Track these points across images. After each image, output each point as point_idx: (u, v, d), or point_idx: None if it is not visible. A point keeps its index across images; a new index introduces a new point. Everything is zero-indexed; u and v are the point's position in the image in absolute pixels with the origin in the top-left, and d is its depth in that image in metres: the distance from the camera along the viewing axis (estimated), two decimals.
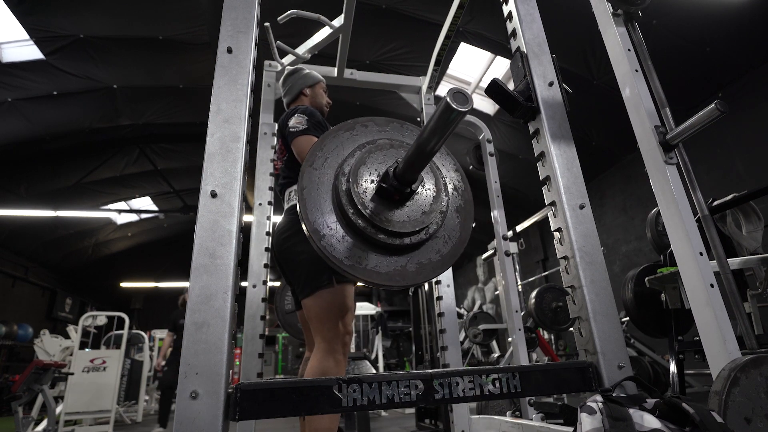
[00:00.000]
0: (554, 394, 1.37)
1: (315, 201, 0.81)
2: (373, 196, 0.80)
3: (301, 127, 1.57)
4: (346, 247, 0.78)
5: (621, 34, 1.41)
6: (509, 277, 2.36)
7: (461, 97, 0.58)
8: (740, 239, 2.05)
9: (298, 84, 1.92)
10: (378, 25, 5.06)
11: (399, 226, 0.79)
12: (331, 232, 0.78)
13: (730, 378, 0.92)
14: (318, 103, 1.93)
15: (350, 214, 0.78)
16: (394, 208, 0.80)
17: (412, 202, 0.82)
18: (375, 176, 0.82)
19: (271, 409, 0.72)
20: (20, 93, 5.58)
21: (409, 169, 0.77)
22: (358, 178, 0.81)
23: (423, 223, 0.82)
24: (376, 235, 0.78)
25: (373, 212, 0.78)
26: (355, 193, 0.79)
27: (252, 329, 1.83)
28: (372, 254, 0.79)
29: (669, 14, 4.33)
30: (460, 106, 0.57)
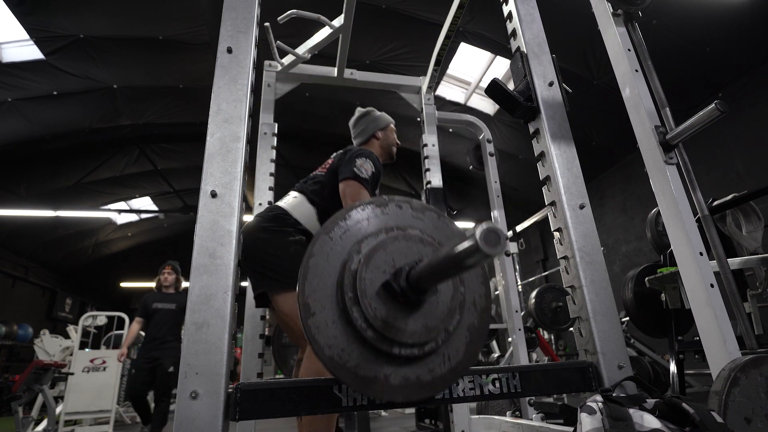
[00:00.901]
0: (554, 394, 1.37)
1: (318, 274, 0.73)
2: (379, 290, 0.71)
3: (364, 175, 1.58)
4: (332, 335, 0.69)
5: (621, 34, 1.41)
6: (509, 277, 2.37)
7: (493, 238, 0.49)
8: (740, 239, 2.05)
9: (370, 127, 1.95)
10: (378, 25, 5.06)
11: (394, 332, 0.70)
12: (323, 313, 0.70)
13: (730, 378, 0.92)
14: (388, 144, 1.97)
15: (347, 298, 0.70)
16: (396, 310, 0.71)
17: (417, 310, 0.73)
18: (390, 268, 0.73)
19: (271, 409, 0.72)
20: (20, 93, 5.58)
21: (423, 279, 0.68)
22: (371, 263, 0.72)
23: (421, 338, 0.72)
24: (366, 332, 0.69)
25: (371, 307, 0.69)
26: (361, 279, 0.70)
27: (252, 329, 1.83)
28: (356, 352, 0.69)
29: (669, 14, 4.34)
30: (491, 249, 0.48)
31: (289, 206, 1.60)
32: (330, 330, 0.70)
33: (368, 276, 0.71)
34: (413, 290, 0.70)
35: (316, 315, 0.70)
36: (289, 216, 1.56)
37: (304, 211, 1.59)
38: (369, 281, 0.71)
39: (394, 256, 0.74)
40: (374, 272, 0.72)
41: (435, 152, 2.32)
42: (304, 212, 1.59)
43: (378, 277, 0.72)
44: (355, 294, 0.70)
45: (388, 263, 0.73)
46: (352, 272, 0.72)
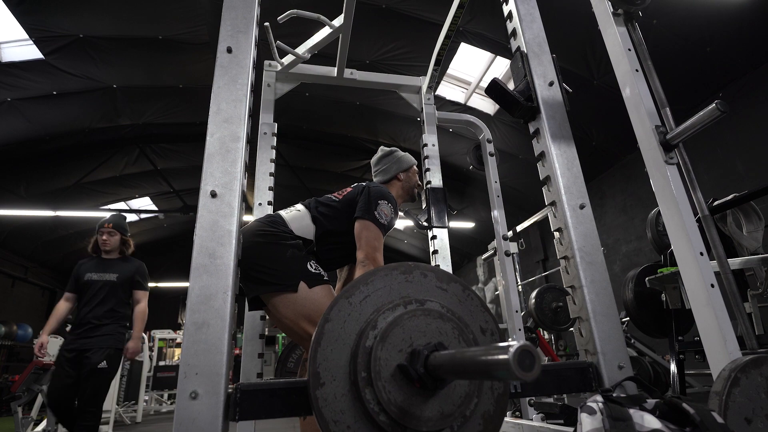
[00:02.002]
0: (554, 394, 1.36)
1: (332, 342, 0.70)
2: (395, 371, 0.67)
3: (384, 221, 1.59)
4: (339, 410, 0.66)
5: (621, 34, 1.41)
6: (509, 277, 2.37)
7: (528, 360, 0.43)
8: (741, 239, 2.05)
9: (393, 168, 1.94)
10: (378, 25, 5.06)
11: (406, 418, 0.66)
12: (332, 385, 0.67)
13: (730, 378, 0.92)
14: (410, 186, 1.96)
15: (360, 377, 0.67)
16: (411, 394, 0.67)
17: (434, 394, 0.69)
18: (407, 347, 0.69)
19: (271, 409, 0.72)
20: (20, 93, 5.59)
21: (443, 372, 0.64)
22: (387, 340, 0.69)
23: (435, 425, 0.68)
24: (378, 416, 0.66)
25: (385, 389, 0.66)
26: (375, 358, 0.67)
27: (252, 329, 1.83)
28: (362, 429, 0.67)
29: (669, 14, 4.34)
30: (524, 373, 0.42)
31: (289, 217, 1.59)
32: (338, 404, 0.67)
33: (383, 356, 0.68)
34: (431, 378, 0.67)
35: (325, 386, 0.67)
36: (286, 226, 1.55)
37: (302, 225, 1.59)
38: (384, 361, 0.67)
39: (412, 334, 0.70)
40: (390, 351, 0.68)
41: (435, 152, 2.32)
42: (302, 226, 1.58)
43: (394, 357, 0.68)
44: (368, 374, 0.67)
45: (405, 342, 0.70)
46: (366, 349, 0.69)
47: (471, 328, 0.77)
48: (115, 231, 3.04)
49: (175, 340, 9.67)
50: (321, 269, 1.49)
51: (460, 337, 0.73)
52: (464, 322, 0.77)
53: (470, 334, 0.75)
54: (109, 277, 2.90)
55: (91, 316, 2.77)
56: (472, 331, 0.77)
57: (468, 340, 0.73)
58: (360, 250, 1.53)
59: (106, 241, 2.99)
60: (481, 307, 0.82)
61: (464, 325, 0.76)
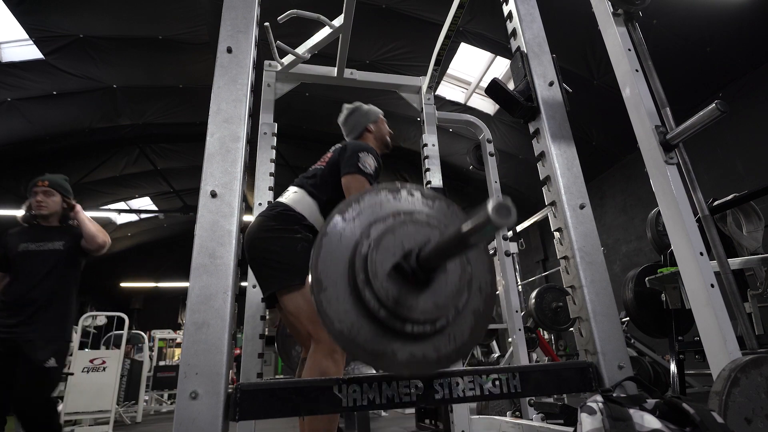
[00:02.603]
0: (554, 394, 1.37)
1: (331, 252, 0.76)
2: (390, 271, 0.74)
3: (369, 170, 1.60)
4: (343, 310, 0.73)
5: (621, 34, 1.41)
6: (509, 277, 2.37)
7: (505, 211, 0.53)
8: (741, 239, 2.05)
9: (361, 122, 1.95)
10: (378, 25, 5.06)
11: (406, 310, 0.73)
12: (335, 290, 0.74)
13: (730, 378, 0.92)
14: (382, 136, 1.97)
15: (359, 279, 0.73)
16: (407, 290, 0.74)
17: (428, 289, 0.76)
18: (399, 250, 0.77)
19: (271, 409, 0.72)
20: (20, 93, 5.58)
21: (433, 258, 0.72)
22: (381, 246, 0.75)
23: (431, 315, 0.75)
24: (378, 312, 0.72)
25: (383, 287, 0.73)
26: (372, 261, 0.74)
27: (252, 329, 1.83)
28: (367, 328, 0.73)
29: (669, 14, 4.34)
30: (501, 219, 0.52)
31: (291, 201, 1.61)
32: (341, 305, 0.73)
33: (378, 258, 0.75)
34: (423, 270, 0.74)
35: (327, 290, 0.73)
36: (293, 211, 1.57)
37: (305, 205, 1.60)
38: (380, 264, 0.74)
39: (403, 239, 0.78)
40: (384, 255, 0.75)
41: (435, 152, 2.32)
42: (305, 207, 1.60)
43: (388, 260, 0.75)
44: (366, 275, 0.74)
45: (397, 246, 0.77)
46: (363, 255, 0.76)
47: None
48: (52, 190, 2.27)
49: (175, 340, 9.67)
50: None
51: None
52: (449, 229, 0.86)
53: None
54: (52, 246, 2.20)
55: (31, 297, 2.08)
56: None
57: None
58: None
59: (41, 204, 2.22)
60: (463, 217, 0.88)
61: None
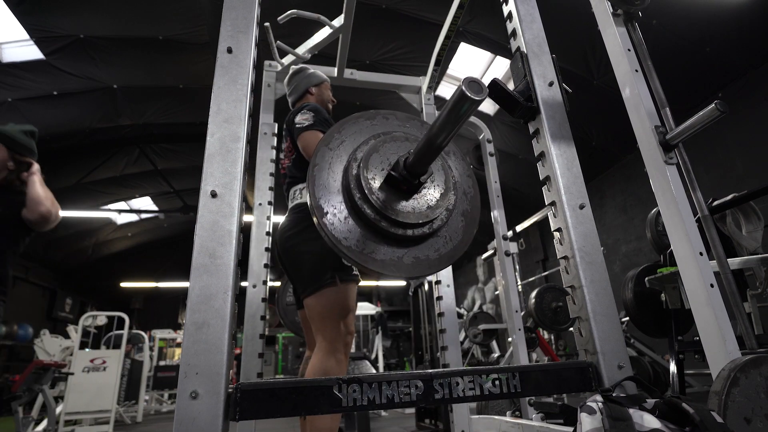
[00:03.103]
0: (554, 394, 1.37)
1: (324, 179, 0.81)
2: (382, 184, 0.79)
3: (307, 123, 1.60)
4: (346, 229, 0.78)
5: (621, 34, 1.41)
6: (509, 277, 2.37)
7: (476, 86, 0.57)
8: (740, 239, 2.05)
9: (303, 83, 1.94)
10: (378, 25, 5.06)
11: (403, 216, 0.79)
12: (334, 211, 0.78)
13: (729, 378, 0.92)
14: (323, 101, 1.96)
15: (356, 198, 0.78)
16: (400, 198, 0.80)
17: (419, 194, 0.81)
18: (386, 165, 0.83)
19: (271, 409, 0.72)
20: (20, 93, 5.58)
21: (420, 160, 0.77)
22: (369, 164, 0.81)
23: (427, 217, 0.81)
24: (379, 222, 0.78)
25: (379, 199, 0.78)
26: (364, 178, 0.79)
27: (252, 329, 1.83)
28: (371, 240, 0.79)
29: (669, 14, 4.33)
30: (475, 95, 0.57)
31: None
32: (343, 225, 0.79)
33: (369, 175, 0.81)
34: (413, 174, 0.79)
35: (328, 214, 0.79)
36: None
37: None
38: (372, 180, 0.80)
39: (388, 155, 0.85)
40: (374, 171, 0.81)
41: None
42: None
43: (378, 175, 0.82)
44: (362, 193, 0.79)
45: (383, 162, 0.83)
46: (354, 176, 0.81)
47: None
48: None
49: (175, 340, 9.67)
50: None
51: None
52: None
53: None
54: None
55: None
56: None
57: None
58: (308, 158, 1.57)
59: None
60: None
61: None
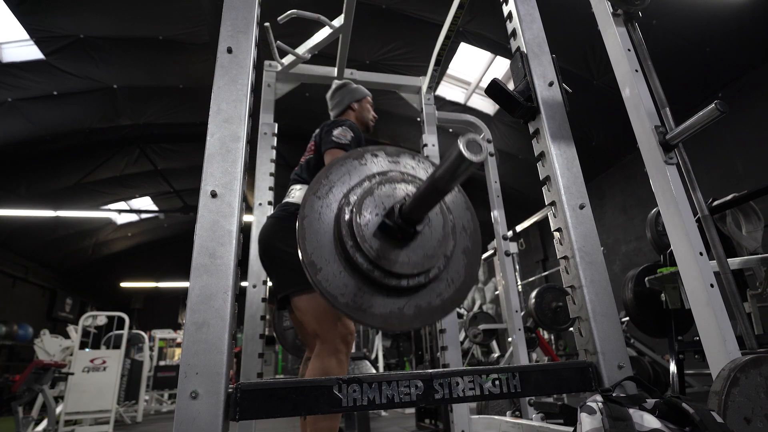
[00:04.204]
0: (554, 394, 1.37)
1: (315, 232, 0.76)
2: (376, 232, 0.75)
3: (344, 141, 1.60)
4: (342, 283, 0.73)
5: (621, 34, 1.41)
6: (509, 277, 2.37)
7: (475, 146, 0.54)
8: (740, 239, 2.05)
9: (346, 98, 1.96)
10: (378, 25, 5.06)
11: (399, 266, 0.75)
12: (328, 266, 0.74)
13: (729, 378, 0.92)
14: (364, 117, 1.97)
15: (348, 247, 0.74)
16: (396, 247, 0.76)
17: (415, 242, 0.77)
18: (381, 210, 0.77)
19: (271, 409, 0.72)
20: (20, 93, 5.58)
21: (416, 209, 0.73)
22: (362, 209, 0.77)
23: (424, 266, 0.77)
24: (373, 273, 0.73)
25: (373, 249, 0.74)
26: (357, 225, 0.74)
27: (252, 329, 1.83)
28: (368, 293, 0.74)
29: (669, 14, 4.33)
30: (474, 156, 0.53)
31: (297, 199, 1.62)
32: (339, 279, 0.74)
33: (363, 221, 0.76)
34: (408, 223, 0.75)
35: (322, 269, 0.74)
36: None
37: None
38: (365, 226, 0.75)
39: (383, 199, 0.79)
40: (367, 217, 0.76)
41: (435, 152, 2.32)
42: None
43: (372, 221, 0.76)
44: (354, 241, 0.74)
45: (378, 206, 0.78)
46: (347, 223, 0.76)
47: None
48: None
49: (176, 340, 9.67)
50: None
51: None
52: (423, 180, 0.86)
53: None
54: None
55: None
56: None
57: None
58: None
59: None
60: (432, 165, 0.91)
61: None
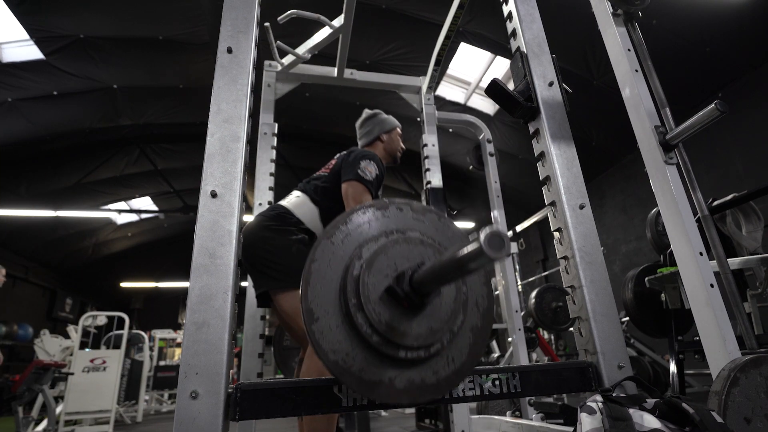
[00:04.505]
0: (554, 394, 1.37)
1: (321, 278, 0.72)
2: (382, 295, 0.71)
3: (368, 177, 1.58)
4: (336, 339, 0.69)
5: (621, 34, 1.41)
6: (509, 277, 2.37)
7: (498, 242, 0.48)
8: (740, 239, 2.05)
9: (376, 129, 1.95)
10: (378, 25, 5.06)
11: (399, 337, 0.70)
12: (326, 318, 0.71)
13: (729, 378, 0.92)
14: (393, 148, 1.97)
15: (351, 305, 0.70)
16: (400, 314, 0.71)
17: (422, 313, 0.73)
18: (392, 271, 0.73)
19: (271, 409, 0.72)
20: (20, 93, 5.58)
21: (427, 283, 0.68)
22: (373, 267, 0.72)
23: (426, 340, 0.72)
24: (371, 338, 0.69)
25: (376, 312, 0.70)
26: (364, 284, 0.71)
27: (252, 329, 1.83)
28: (361, 357, 0.70)
29: (669, 14, 4.34)
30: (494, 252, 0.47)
31: (291, 205, 1.60)
32: (334, 335, 0.70)
33: (371, 281, 0.71)
34: (417, 294, 0.70)
35: (319, 320, 0.70)
36: (292, 215, 1.56)
37: (306, 210, 1.59)
38: (372, 286, 0.71)
39: (396, 260, 0.74)
40: (377, 277, 0.72)
41: (435, 152, 2.32)
42: (306, 212, 1.59)
43: (381, 282, 0.71)
44: (358, 300, 0.70)
45: (390, 267, 0.73)
46: (354, 278, 0.72)
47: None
48: None
49: (175, 340, 9.67)
50: None
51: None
52: (444, 246, 0.80)
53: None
54: None
55: None
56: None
57: None
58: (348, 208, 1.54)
59: None
60: (457, 233, 0.86)
61: (444, 248, 0.79)
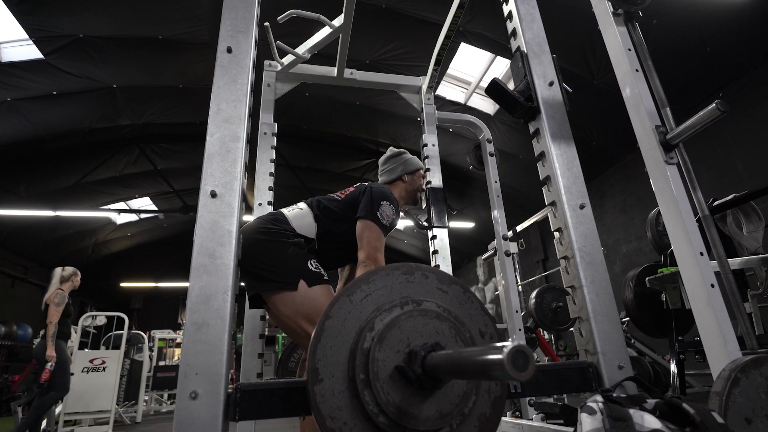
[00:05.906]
0: (554, 394, 1.37)
1: (332, 337, 0.69)
2: (393, 372, 0.68)
3: (385, 221, 1.58)
4: (336, 406, 0.67)
5: (621, 34, 1.41)
6: (509, 277, 2.36)
7: (522, 360, 0.43)
8: (741, 239, 2.05)
9: (399, 169, 1.95)
10: (378, 25, 5.06)
11: (406, 419, 0.66)
12: (330, 381, 0.68)
13: (730, 378, 0.92)
14: (414, 189, 1.97)
15: (359, 378, 0.67)
16: (409, 395, 0.67)
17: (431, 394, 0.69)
18: (404, 347, 0.69)
19: (271, 409, 0.72)
20: (20, 93, 5.59)
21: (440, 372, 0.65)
22: (384, 341, 0.69)
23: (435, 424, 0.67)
24: (378, 417, 0.66)
25: (383, 390, 0.66)
26: (373, 360, 0.67)
27: (252, 329, 1.82)
28: (359, 427, 0.67)
29: (669, 14, 4.34)
30: (517, 372, 0.43)
31: (291, 216, 1.60)
32: (336, 401, 0.67)
33: (381, 357, 0.68)
34: (428, 378, 0.67)
35: (323, 382, 0.67)
36: (288, 223, 1.56)
37: (305, 223, 1.59)
38: (382, 363, 0.67)
39: (409, 335, 0.70)
40: (387, 353, 0.68)
41: (435, 152, 2.32)
42: (303, 224, 1.59)
43: (391, 358, 0.68)
44: (367, 376, 0.67)
45: (402, 342, 0.70)
46: (364, 351, 0.69)
47: (468, 329, 0.77)
48: None
49: (175, 340, 9.67)
50: (321, 268, 1.49)
51: (457, 337, 0.72)
52: (461, 322, 0.76)
53: (467, 333, 0.74)
54: None
55: None
56: (469, 330, 0.76)
57: (465, 339, 0.73)
58: (361, 250, 1.54)
59: None
60: (480, 310, 0.82)
61: (461, 324, 0.76)
